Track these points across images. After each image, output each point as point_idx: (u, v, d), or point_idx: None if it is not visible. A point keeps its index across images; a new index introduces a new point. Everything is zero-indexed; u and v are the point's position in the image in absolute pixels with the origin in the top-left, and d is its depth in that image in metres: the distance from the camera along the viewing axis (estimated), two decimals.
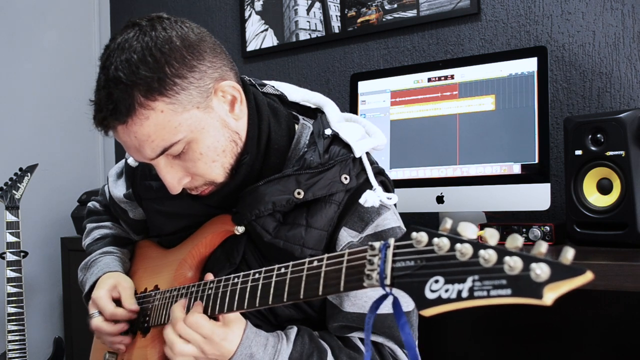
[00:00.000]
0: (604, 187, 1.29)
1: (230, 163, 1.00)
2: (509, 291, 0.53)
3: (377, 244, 0.68)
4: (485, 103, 1.52)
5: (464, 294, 0.56)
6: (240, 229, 1.03)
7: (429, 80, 1.62)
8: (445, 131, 1.57)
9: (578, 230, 1.30)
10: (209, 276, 1.00)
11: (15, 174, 2.14)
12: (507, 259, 0.54)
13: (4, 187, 2.11)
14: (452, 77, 1.58)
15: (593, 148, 1.29)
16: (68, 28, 2.63)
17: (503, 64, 1.51)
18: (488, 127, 1.51)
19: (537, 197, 1.43)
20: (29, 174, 2.16)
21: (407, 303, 1.00)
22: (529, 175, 1.44)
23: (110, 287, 1.15)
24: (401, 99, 1.65)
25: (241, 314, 0.94)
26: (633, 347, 1.51)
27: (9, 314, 2.03)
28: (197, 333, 0.91)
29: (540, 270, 0.51)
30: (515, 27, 1.71)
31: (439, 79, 1.60)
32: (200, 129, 0.94)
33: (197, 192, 1.01)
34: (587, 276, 0.50)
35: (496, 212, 1.49)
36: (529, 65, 1.47)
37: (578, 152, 1.31)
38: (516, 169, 1.47)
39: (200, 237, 1.10)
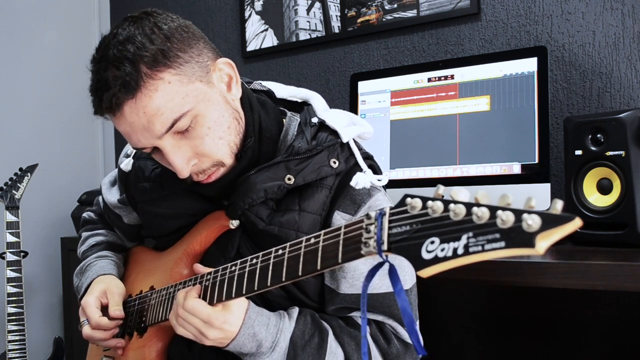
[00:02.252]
0: (604, 187, 1.29)
1: (235, 143, 1.01)
2: (502, 244, 0.55)
3: (373, 213, 0.69)
4: (480, 103, 1.52)
5: (460, 251, 0.58)
6: (235, 223, 1.04)
7: (429, 80, 1.61)
8: (445, 131, 1.57)
9: (578, 230, 1.30)
10: (198, 268, 1.01)
11: (15, 174, 2.14)
12: (499, 213, 0.55)
13: (4, 187, 2.11)
14: (452, 77, 1.58)
15: (593, 148, 1.29)
16: (68, 28, 2.62)
17: (503, 64, 1.51)
18: (488, 127, 1.51)
19: (537, 197, 1.42)
20: (29, 174, 2.16)
21: (405, 281, 1.00)
22: (529, 175, 1.44)
23: (100, 293, 1.15)
24: (401, 99, 1.65)
25: None
26: (633, 347, 1.50)
27: (9, 314, 2.03)
28: (196, 317, 0.92)
29: (532, 221, 0.53)
30: (515, 27, 1.71)
31: (439, 79, 1.60)
32: (206, 100, 0.96)
33: (205, 176, 1.01)
34: (576, 222, 0.52)
35: None
36: (529, 65, 1.47)
37: (578, 152, 1.31)
38: (516, 169, 1.47)
39: (195, 235, 1.10)
